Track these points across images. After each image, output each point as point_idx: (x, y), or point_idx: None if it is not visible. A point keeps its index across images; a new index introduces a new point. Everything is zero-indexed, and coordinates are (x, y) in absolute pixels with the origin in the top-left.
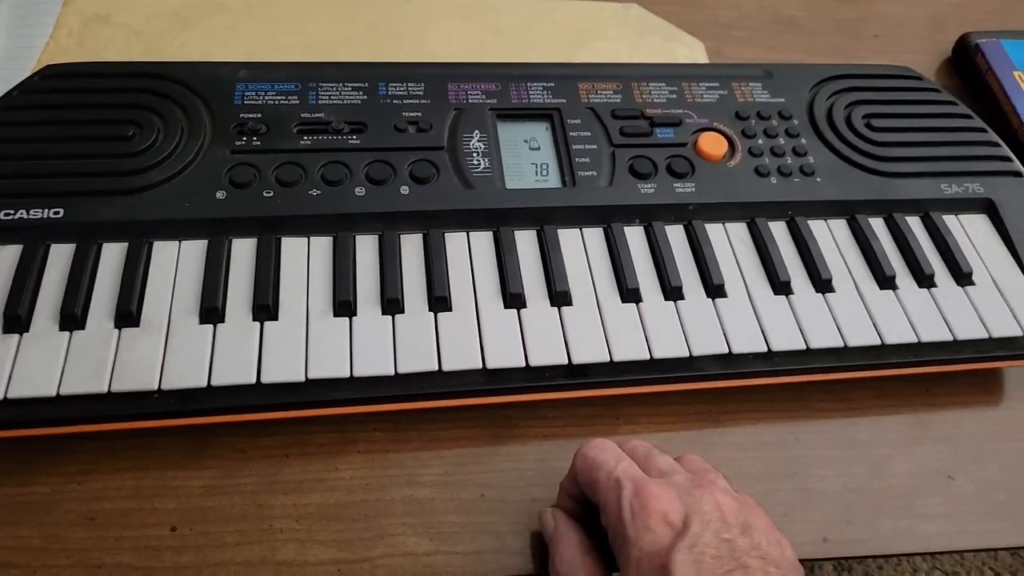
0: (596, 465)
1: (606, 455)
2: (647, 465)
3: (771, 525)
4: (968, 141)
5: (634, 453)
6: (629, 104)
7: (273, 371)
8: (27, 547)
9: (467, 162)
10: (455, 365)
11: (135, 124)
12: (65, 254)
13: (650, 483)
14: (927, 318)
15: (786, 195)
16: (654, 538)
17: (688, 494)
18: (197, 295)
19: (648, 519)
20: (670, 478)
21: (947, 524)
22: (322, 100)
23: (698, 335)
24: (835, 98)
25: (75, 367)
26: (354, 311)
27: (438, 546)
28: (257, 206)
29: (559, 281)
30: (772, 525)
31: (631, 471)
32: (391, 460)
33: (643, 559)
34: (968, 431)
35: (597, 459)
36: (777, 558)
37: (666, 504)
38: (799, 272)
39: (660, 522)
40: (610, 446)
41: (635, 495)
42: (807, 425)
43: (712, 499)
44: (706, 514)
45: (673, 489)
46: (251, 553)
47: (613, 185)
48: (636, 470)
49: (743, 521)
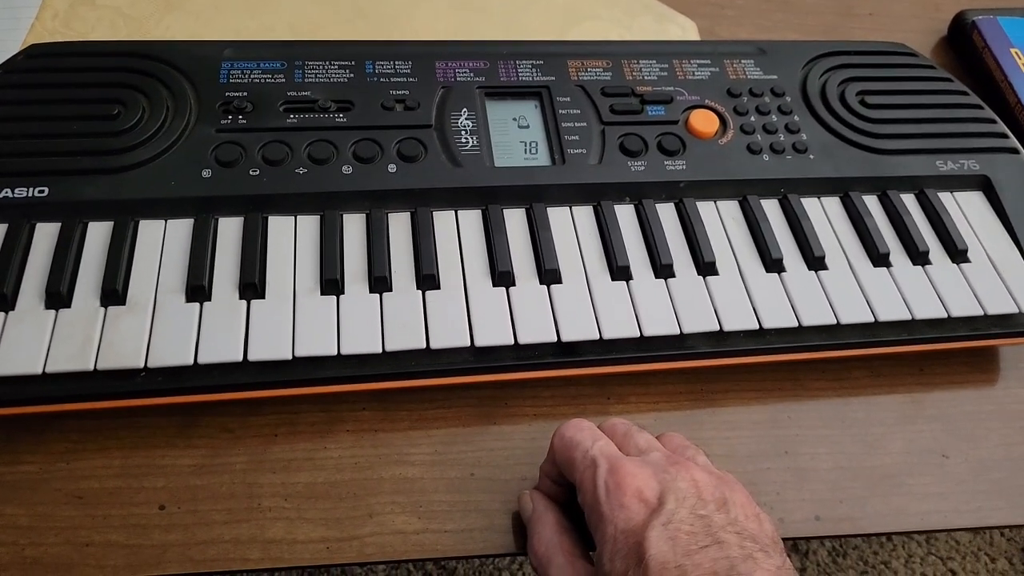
0: (573, 445)
1: (583, 435)
2: (625, 443)
3: (750, 500)
4: (964, 118)
5: (613, 431)
6: (619, 82)
7: (260, 349)
8: (14, 525)
9: (455, 140)
10: (443, 343)
11: (120, 103)
12: (50, 233)
13: (625, 461)
14: (921, 295)
15: (778, 172)
16: (629, 515)
17: (664, 471)
18: (183, 273)
19: (623, 497)
20: (647, 456)
21: (940, 503)
22: (308, 78)
23: (689, 313)
24: (829, 75)
25: (61, 345)
26: (341, 289)
27: (427, 524)
28: (243, 184)
29: (548, 259)
30: (751, 500)
31: (607, 450)
32: (380, 439)
33: (618, 537)
34: (962, 410)
35: (574, 439)
36: (755, 532)
37: (641, 482)
38: (791, 250)
39: (635, 499)
40: (587, 426)
41: (610, 473)
42: (800, 404)
43: (688, 476)
44: (681, 491)
45: (648, 467)
46: (240, 531)
47: (603, 163)
48: (612, 449)
49: (720, 497)
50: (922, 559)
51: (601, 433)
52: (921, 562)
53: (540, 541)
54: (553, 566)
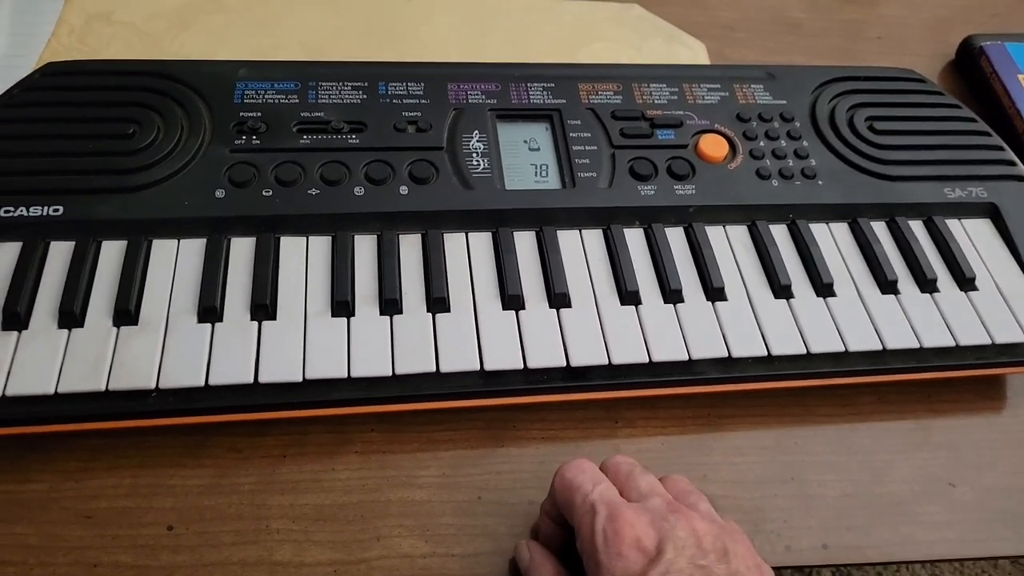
0: (573, 487)
1: (583, 477)
2: (627, 485)
3: (751, 551)
4: (972, 145)
5: (617, 470)
6: (630, 105)
7: (271, 371)
8: (24, 544)
9: (466, 162)
10: (453, 366)
11: (135, 122)
12: (64, 251)
13: (624, 508)
14: (929, 323)
15: (787, 198)
16: (626, 565)
17: (663, 519)
18: (195, 294)
19: (621, 545)
20: (647, 502)
21: (948, 532)
22: (322, 99)
23: (697, 338)
24: (837, 100)
25: (73, 365)
26: (352, 311)
27: (434, 548)
28: (256, 205)
29: (558, 283)
30: (752, 551)
31: (607, 495)
32: (388, 461)
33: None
34: (970, 438)
35: (574, 481)
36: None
37: (640, 530)
38: (800, 276)
39: (633, 548)
40: (588, 467)
41: (609, 520)
42: (807, 430)
43: (688, 525)
44: (680, 540)
45: (647, 514)
46: (247, 553)
47: (613, 186)
48: (613, 493)
49: (721, 547)
50: None
51: (602, 475)
52: None
53: None
54: None
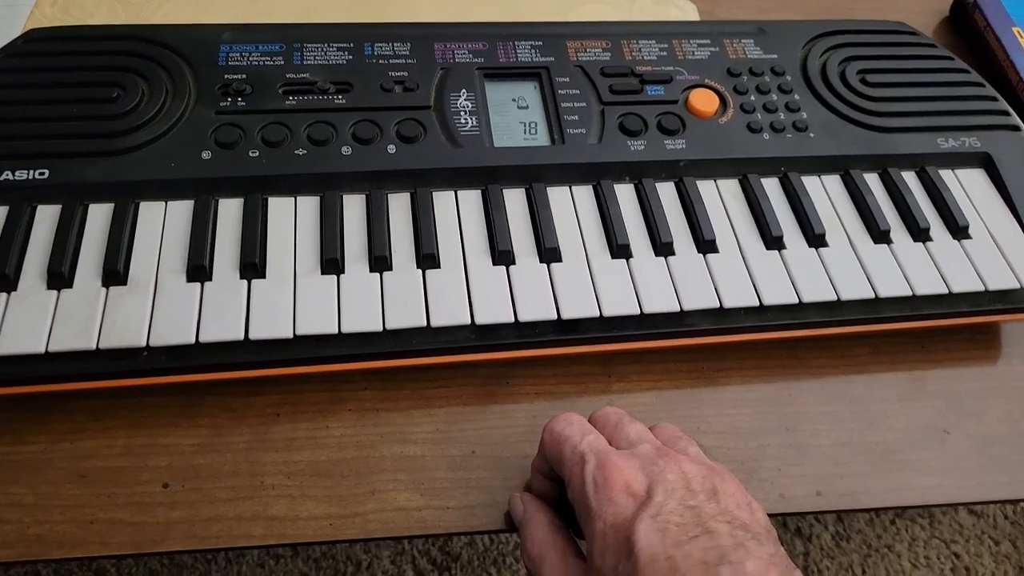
0: (562, 440)
1: (572, 429)
2: (616, 434)
3: (741, 489)
4: (965, 96)
5: (605, 421)
6: (619, 62)
7: (261, 327)
8: (19, 504)
9: (454, 121)
10: (444, 321)
11: (119, 86)
12: (51, 215)
13: (613, 455)
14: (922, 271)
15: (779, 151)
16: (617, 510)
17: (652, 464)
18: (184, 254)
19: (611, 491)
20: (636, 448)
21: (942, 478)
22: (307, 61)
23: (689, 290)
24: (829, 54)
25: (63, 324)
26: (342, 269)
27: (429, 501)
28: (243, 166)
29: (548, 238)
30: (743, 489)
31: (595, 444)
32: (382, 418)
33: (608, 531)
34: (964, 386)
35: (563, 433)
36: (746, 521)
37: (629, 475)
38: (792, 227)
39: (623, 493)
40: (576, 420)
41: (598, 468)
42: (801, 382)
43: (676, 467)
44: (670, 482)
45: (636, 460)
46: (243, 508)
47: (603, 143)
48: (601, 443)
49: (710, 487)
50: (925, 542)
51: (590, 427)
52: (924, 545)
53: (532, 542)
54: (546, 565)
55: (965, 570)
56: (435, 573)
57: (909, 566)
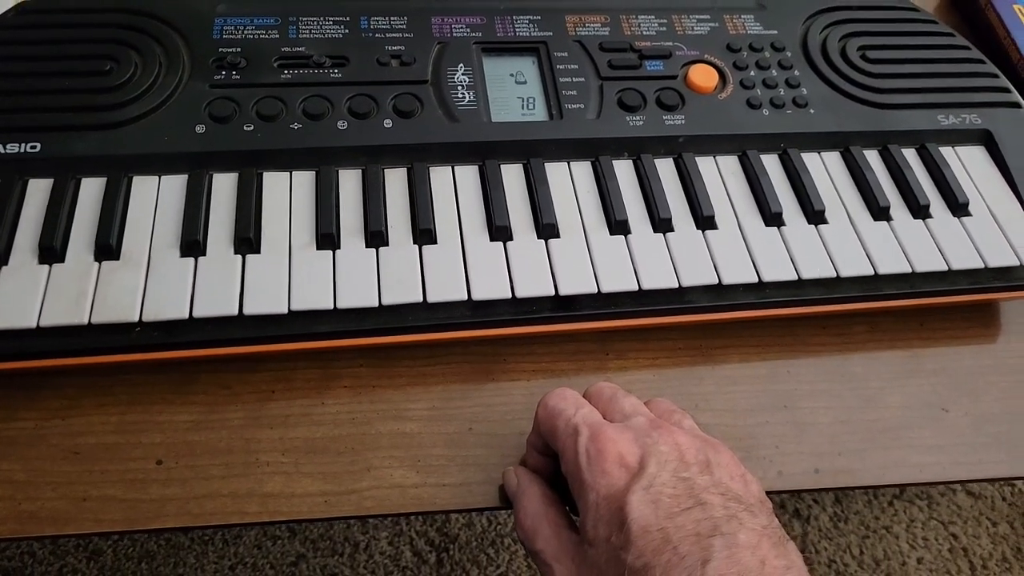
0: (556, 413)
1: (565, 403)
2: (610, 407)
3: (735, 461)
4: (966, 72)
5: (599, 395)
6: (618, 37)
7: (256, 302)
8: (10, 480)
9: (452, 96)
10: (440, 296)
11: (112, 59)
12: (43, 189)
13: (606, 427)
14: (922, 248)
15: (778, 127)
16: (610, 481)
17: (646, 436)
18: (178, 229)
19: (604, 463)
20: (629, 421)
21: (940, 455)
22: (303, 34)
23: (687, 266)
24: (830, 30)
25: (55, 299)
26: (337, 244)
27: (425, 478)
28: (237, 140)
29: (546, 213)
30: (736, 462)
31: (589, 417)
32: (378, 395)
33: (601, 503)
34: (963, 364)
35: (557, 407)
36: (740, 492)
37: (622, 447)
38: (791, 204)
39: (616, 465)
40: (570, 394)
41: (591, 440)
42: (800, 360)
43: (670, 440)
44: (663, 454)
45: (630, 432)
46: (238, 485)
47: (601, 118)
48: (595, 416)
49: (704, 459)
50: (924, 523)
51: (584, 401)
52: (923, 526)
53: (526, 514)
54: (540, 538)
55: (963, 551)
56: (433, 554)
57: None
